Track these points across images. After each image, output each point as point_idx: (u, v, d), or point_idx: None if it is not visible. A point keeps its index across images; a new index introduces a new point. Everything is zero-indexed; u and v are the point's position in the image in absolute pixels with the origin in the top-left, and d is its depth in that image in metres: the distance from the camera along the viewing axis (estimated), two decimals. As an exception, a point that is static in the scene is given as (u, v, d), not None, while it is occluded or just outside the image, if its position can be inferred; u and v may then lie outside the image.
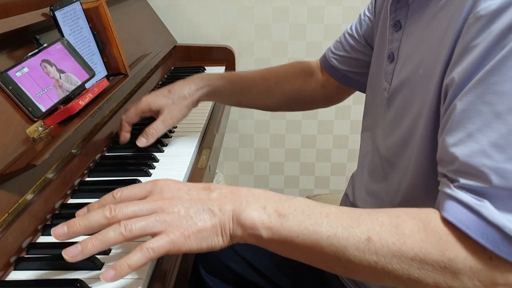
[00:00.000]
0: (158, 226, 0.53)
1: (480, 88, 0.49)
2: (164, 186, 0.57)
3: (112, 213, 0.53)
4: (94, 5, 0.97)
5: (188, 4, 1.67)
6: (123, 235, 0.52)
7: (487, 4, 0.49)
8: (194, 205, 0.55)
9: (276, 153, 1.86)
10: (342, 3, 1.64)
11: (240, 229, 0.55)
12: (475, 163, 0.49)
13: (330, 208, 0.55)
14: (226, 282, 0.97)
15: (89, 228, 0.53)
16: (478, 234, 0.49)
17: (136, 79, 1.16)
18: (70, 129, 0.75)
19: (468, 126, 0.50)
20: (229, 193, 0.57)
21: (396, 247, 0.51)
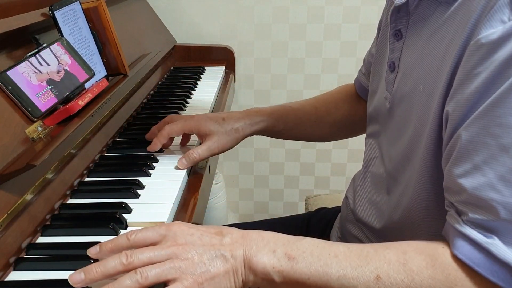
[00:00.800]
0: (172, 273, 0.54)
1: (485, 120, 0.49)
2: (178, 231, 0.58)
3: (128, 260, 0.54)
4: (94, 5, 0.97)
5: (188, 4, 1.67)
6: (139, 282, 0.53)
7: (488, 33, 0.49)
8: (207, 251, 0.56)
9: (276, 153, 1.85)
10: (342, 3, 1.64)
11: (252, 275, 0.56)
12: (483, 196, 0.49)
13: (339, 247, 0.56)
14: None
15: (106, 274, 0.54)
16: (488, 271, 0.49)
17: (135, 79, 1.16)
18: (70, 129, 0.75)
19: (475, 158, 0.50)
20: (240, 238, 0.58)
21: (405, 284, 0.52)
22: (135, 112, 1.12)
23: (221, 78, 1.46)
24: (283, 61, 1.72)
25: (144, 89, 1.22)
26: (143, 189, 0.78)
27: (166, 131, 0.86)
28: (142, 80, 1.23)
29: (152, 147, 0.87)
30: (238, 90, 1.74)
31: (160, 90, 1.31)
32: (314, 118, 0.96)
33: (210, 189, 1.06)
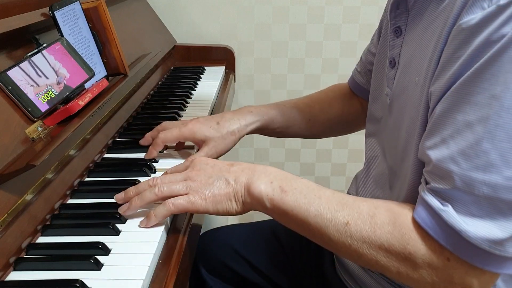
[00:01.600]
0: (183, 189, 0.67)
1: (456, 97, 0.53)
2: (197, 161, 0.71)
3: (154, 182, 0.69)
4: (94, 5, 0.97)
5: (188, 4, 1.67)
6: (156, 194, 0.67)
7: (469, 18, 0.52)
8: (214, 175, 0.68)
9: (276, 153, 1.85)
10: (342, 3, 1.64)
11: (250, 197, 0.65)
12: (444, 168, 0.53)
13: (325, 192, 0.64)
14: (226, 282, 0.97)
15: (137, 192, 0.69)
16: (438, 235, 0.54)
17: (135, 79, 1.16)
18: (70, 129, 0.75)
19: (443, 132, 0.54)
20: (246, 168, 0.68)
21: (367, 234, 0.58)
22: (135, 112, 1.11)
23: (221, 78, 1.46)
24: (283, 61, 1.72)
25: (144, 89, 1.22)
26: (143, 189, 0.78)
27: (160, 139, 0.86)
28: (142, 80, 1.23)
29: (149, 155, 0.87)
30: (238, 90, 1.74)
31: (160, 90, 1.31)
32: (308, 116, 0.98)
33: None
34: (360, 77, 0.95)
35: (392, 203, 0.61)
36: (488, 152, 0.50)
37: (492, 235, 0.51)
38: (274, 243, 0.98)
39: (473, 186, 0.51)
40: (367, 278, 0.77)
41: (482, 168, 0.50)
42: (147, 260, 0.60)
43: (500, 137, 0.49)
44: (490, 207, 0.51)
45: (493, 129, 0.50)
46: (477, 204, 0.51)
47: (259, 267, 0.95)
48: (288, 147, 1.84)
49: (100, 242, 0.63)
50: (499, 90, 0.49)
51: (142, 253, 0.62)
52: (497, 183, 0.50)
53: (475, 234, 0.51)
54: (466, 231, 0.51)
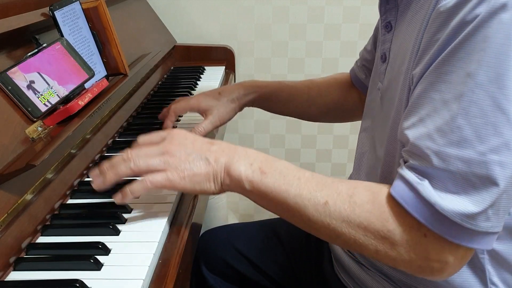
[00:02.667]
0: (161, 165, 0.64)
1: (433, 77, 0.54)
2: (175, 134, 0.67)
3: (128, 155, 0.65)
4: (94, 5, 0.97)
5: (188, 4, 1.67)
6: (131, 168, 0.64)
7: (446, 1, 0.53)
8: (194, 152, 0.65)
9: (276, 153, 1.85)
10: (342, 3, 1.64)
11: (229, 179, 0.64)
12: (421, 145, 0.54)
13: (305, 173, 0.63)
14: (227, 280, 0.97)
15: (111, 166, 0.65)
16: (414, 209, 0.54)
17: (135, 79, 1.16)
18: (70, 129, 0.75)
19: (420, 111, 0.55)
20: (227, 148, 0.66)
21: (346, 213, 0.58)
22: (135, 112, 1.11)
23: (221, 78, 1.46)
24: (283, 61, 1.72)
25: (144, 89, 1.22)
26: (143, 189, 0.78)
27: (172, 109, 0.97)
28: (142, 80, 1.23)
29: (165, 126, 0.97)
30: (238, 90, 1.74)
31: (160, 90, 1.31)
32: (306, 97, 1.03)
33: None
34: (359, 71, 0.99)
35: (371, 183, 0.61)
36: (462, 128, 0.51)
37: (465, 209, 0.52)
38: (274, 242, 0.98)
39: (448, 162, 0.52)
40: (364, 276, 0.77)
41: (456, 143, 0.52)
42: (147, 260, 0.60)
43: (474, 113, 0.51)
44: (464, 182, 0.52)
45: (467, 106, 0.51)
46: (452, 180, 0.52)
47: (260, 265, 0.95)
48: (288, 147, 1.84)
49: (100, 242, 0.63)
50: (473, 68, 0.51)
51: (142, 253, 0.62)
52: (471, 158, 0.51)
53: (449, 207, 0.52)
54: (440, 204, 0.52)
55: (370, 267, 0.76)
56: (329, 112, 1.05)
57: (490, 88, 0.50)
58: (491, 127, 0.51)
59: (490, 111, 0.50)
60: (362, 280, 0.78)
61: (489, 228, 0.53)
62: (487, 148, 0.51)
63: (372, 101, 0.80)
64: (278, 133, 1.81)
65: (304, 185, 0.61)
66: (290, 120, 1.78)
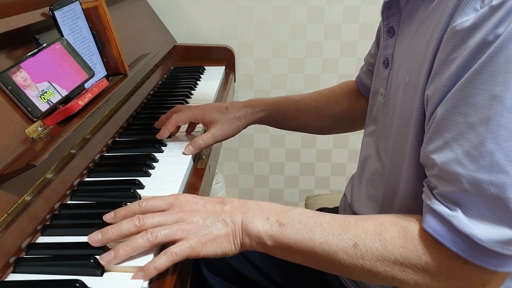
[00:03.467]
0: (179, 234, 0.61)
1: (455, 99, 0.53)
2: (184, 200, 0.65)
3: (141, 222, 0.61)
4: (94, 5, 0.97)
5: (188, 4, 1.67)
6: (150, 241, 0.59)
7: (462, 20, 0.52)
8: (210, 216, 0.63)
9: (276, 153, 1.85)
10: (342, 3, 1.64)
11: (248, 238, 0.63)
12: (451, 170, 0.53)
13: (325, 217, 0.62)
14: (227, 281, 0.97)
15: (120, 235, 0.61)
16: (451, 242, 0.54)
17: (135, 79, 1.16)
18: (70, 129, 0.75)
19: (445, 135, 0.54)
20: (239, 206, 0.64)
21: (379, 252, 0.57)
22: (135, 112, 1.11)
23: (221, 78, 1.46)
24: (283, 61, 1.72)
25: (144, 89, 1.22)
26: (143, 189, 0.78)
27: (174, 119, 0.93)
28: (142, 80, 1.23)
29: (161, 135, 0.94)
30: (238, 90, 1.74)
31: (160, 90, 1.31)
32: (315, 110, 1.00)
33: (210, 189, 1.06)
34: (365, 77, 0.97)
35: (395, 216, 0.60)
36: (493, 152, 0.50)
37: (503, 235, 0.51)
38: None
39: (480, 187, 0.51)
40: None
41: (488, 168, 0.50)
42: (147, 260, 0.60)
43: (504, 136, 0.50)
44: (499, 207, 0.51)
45: (496, 129, 0.50)
46: (485, 205, 0.51)
47: (260, 265, 0.95)
48: (288, 147, 1.84)
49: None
50: (498, 90, 0.49)
51: (142, 254, 0.61)
52: (504, 182, 0.50)
53: (486, 237, 0.51)
54: (477, 235, 0.51)
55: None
56: (339, 123, 1.03)
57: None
58: None
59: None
60: (363, 282, 0.77)
61: None
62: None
63: (374, 106, 0.80)
64: (278, 133, 1.81)
65: (328, 230, 0.60)
66: (290, 120, 1.78)
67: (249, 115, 0.95)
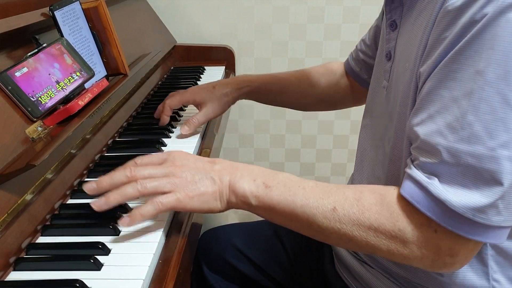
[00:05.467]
0: (168, 187, 0.63)
1: (442, 74, 0.55)
2: (176, 155, 0.68)
3: (132, 173, 0.65)
4: (94, 5, 0.97)
5: (188, 4, 1.67)
6: (139, 190, 0.63)
7: (454, 0, 0.54)
8: (199, 172, 0.65)
9: (276, 153, 1.85)
10: (342, 3, 1.64)
11: (234, 197, 0.65)
12: (432, 142, 0.55)
13: (308, 183, 0.64)
14: (227, 280, 0.97)
15: (112, 184, 0.64)
16: (425, 207, 0.56)
17: (135, 79, 1.16)
18: (70, 129, 0.75)
19: (430, 108, 0.56)
20: (229, 167, 0.67)
21: (355, 216, 0.59)
22: (135, 112, 1.11)
23: (221, 78, 1.46)
24: (283, 61, 1.72)
25: (144, 89, 1.22)
26: (143, 189, 0.78)
27: (167, 104, 1.00)
28: (142, 80, 1.23)
29: (162, 122, 1.00)
30: (238, 90, 1.74)
31: (160, 90, 1.31)
32: (298, 89, 1.07)
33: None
34: (354, 64, 1.01)
35: (375, 186, 0.63)
36: (473, 124, 0.53)
37: (475, 203, 0.53)
38: (275, 241, 0.98)
39: (459, 157, 0.53)
40: (366, 274, 0.77)
41: (467, 139, 0.53)
42: (147, 260, 0.60)
43: (483, 109, 0.52)
44: (474, 176, 0.53)
45: (477, 102, 0.52)
46: (461, 175, 0.54)
47: (260, 264, 0.95)
48: (288, 147, 1.84)
49: (100, 242, 0.63)
50: (482, 66, 0.52)
51: (142, 253, 0.62)
52: (481, 154, 0.52)
53: (459, 203, 0.53)
54: (451, 200, 0.54)
55: (372, 264, 0.76)
56: (320, 102, 1.09)
57: (499, 85, 0.51)
58: (500, 123, 0.52)
59: (500, 107, 0.52)
60: (363, 278, 0.78)
61: (501, 222, 0.54)
62: (497, 144, 0.52)
63: (374, 99, 0.80)
64: (278, 133, 1.81)
65: (310, 194, 0.62)
66: (290, 120, 1.78)
67: (235, 90, 1.01)
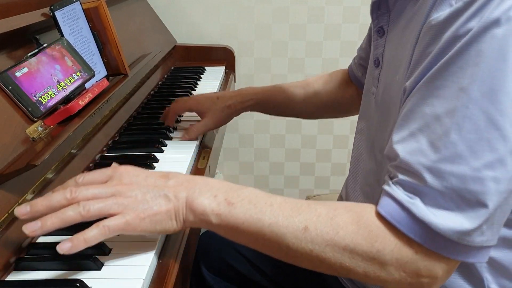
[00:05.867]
0: (115, 208, 0.57)
1: (424, 91, 0.53)
2: (124, 172, 0.61)
3: (72, 195, 0.57)
4: (94, 5, 0.97)
5: (188, 4, 1.67)
6: (81, 214, 0.55)
7: (438, 15, 0.53)
8: (151, 190, 0.59)
9: (276, 153, 1.85)
10: (342, 3, 1.64)
11: (192, 215, 0.59)
12: (413, 161, 0.53)
13: (276, 198, 0.59)
14: (227, 281, 0.97)
15: (50, 207, 0.56)
16: (407, 229, 0.53)
17: (136, 79, 1.16)
18: (70, 129, 0.75)
19: (411, 125, 0.54)
20: (185, 181, 0.61)
21: (329, 236, 0.55)
22: (136, 112, 1.12)
23: (221, 78, 1.46)
24: (283, 61, 1.73)
25: (145, 89, 1.22)
26: (143, 189, 0.78)
27: (172, 109, 1.01)
28: (142, 80, 1.23)
29: (167, 124, 1.02)
30: (238, 90, 1.74)
31: (160, 90, 1.31)
32: (303, 98, 1.04)
33: (210, 189, 1.06)
34: (356, 69, 1.00)
35: (350, 203, 0.59)
36: (456, 144, 0.51)
37: (461, 226, 0.51)
38: None
39: (442, 178, 0.51)
40: None
41: (450, 159, 0.51)
42: (147, 260, 0.60)
43: (468, 128, 0.50)
44: (458, 198, 0.51)
45: (461, 121, 0.50)
46: (445, 196, 0.51)
47: (260, 265, 0.95)
48: (288, 147, 1.84)
49: (100, 242, 0.62)
50: (466, 83, 0.50)
51: (142, 253, 0.62)
52: (465, 174, 0.50)
53: (445, 226, 0.51)
54: (435, 223, 0.51)
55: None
56: (327, 109, 1.07)
57: (483, 103, 0.49)
58: (485, 143, 0.50)
59: (484, 126, 0.50)
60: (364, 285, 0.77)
61: (484, 243, 0.53)
62: (482, 164, 0.50)
63: (366, 103, 0.80)
64: (278, 133, 1.82)
65: (278, 212, 0.57)
66: (290, 120, 1.79)
67: (239, 103, 1.00)
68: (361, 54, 0.97)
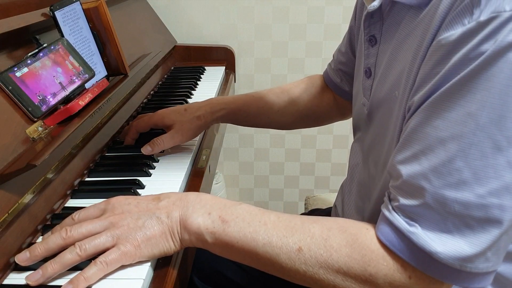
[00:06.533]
0: (110, 241, 0.57)
1: (429, 111, 0.51)
2: (116, 203, 0.62)
3: (68, 234, 0.58)
4: (94, 5, 0.97)
5: (188, 4, 1.67)
6: (79, 255, 0.56)
7: (448, 34, 0.50)
8: (142, 215, 0.59)
9: (276, 153, 1.85)
10: (342, 3, 1.64)
11: (187, 233, 0.59)
12: (415, 184, 0.52)
13: (270, 216, 0.59)
14: None
15: (48, 250, 0.57)
16: (407, 256, 0.52)
17: (136, 79, 1.16)
18: (70, 129, 0.75)
19: (414, 146, 0.53)
20: (177, 200, 0.61)
21: (323, 258, 0.55)
22: (136, 112, 1.12)
23: (221, 78, 1.46)
24: (283, 61, 1.73)
25: (145, 89, 1.22)
26: (144, 189, 0.78)
27: (133, 126, 0.94)
28: (143, 80, 1.23)
29: (126, 143, 0.94)
30: (238, 90, 1.74)
31: (160, 90, 1.31)
32: (277, 108, 0.98)
33: (210, 189, 1.06)
34: (333, 74, 0.96)
35: (345, 222, 0.58)
36: (461, 170, 0.49)
37: (462, 252, 0.50)
38: None
39: (444, 204, 0.50)
40: None
41: (455, 185, 0.49)
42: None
43: (474, 155, 0.49)
44: (460, 223, 0.50)
45: (467, 148, 0.49)
46: (446, 221, 0.50)
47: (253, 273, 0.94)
48: (288, 147, 1.84)
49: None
50: (474, 108, 0.48)
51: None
52: (469, 201, 0.49)
53: (446, 254, 0.50)
54: (436, 252, 0.50)
55: None
56: (302, 119, 1.02)
57: (491, 130, 0.48)
58: (491, 170, 0.48)
59: (491, 153, 0.48)
60: None
61: (489, 268, 0.52)
62: (487, 191, 0.49)
63: (358, 115, 0.78)
64: (278, 133, 1.82)
65: (272, 232, 0.57)
66: (290, 120, 1.78)
67: (209, 114, 0.94)
68: (341, 59, 0.93)
